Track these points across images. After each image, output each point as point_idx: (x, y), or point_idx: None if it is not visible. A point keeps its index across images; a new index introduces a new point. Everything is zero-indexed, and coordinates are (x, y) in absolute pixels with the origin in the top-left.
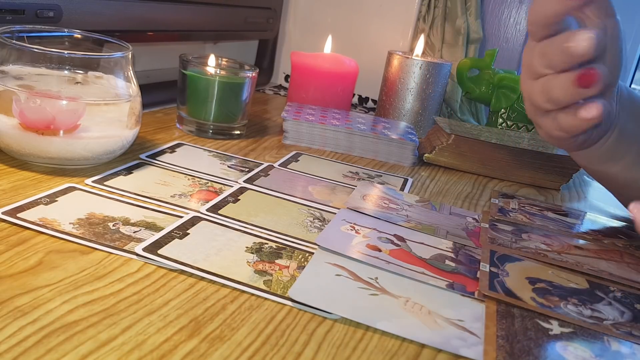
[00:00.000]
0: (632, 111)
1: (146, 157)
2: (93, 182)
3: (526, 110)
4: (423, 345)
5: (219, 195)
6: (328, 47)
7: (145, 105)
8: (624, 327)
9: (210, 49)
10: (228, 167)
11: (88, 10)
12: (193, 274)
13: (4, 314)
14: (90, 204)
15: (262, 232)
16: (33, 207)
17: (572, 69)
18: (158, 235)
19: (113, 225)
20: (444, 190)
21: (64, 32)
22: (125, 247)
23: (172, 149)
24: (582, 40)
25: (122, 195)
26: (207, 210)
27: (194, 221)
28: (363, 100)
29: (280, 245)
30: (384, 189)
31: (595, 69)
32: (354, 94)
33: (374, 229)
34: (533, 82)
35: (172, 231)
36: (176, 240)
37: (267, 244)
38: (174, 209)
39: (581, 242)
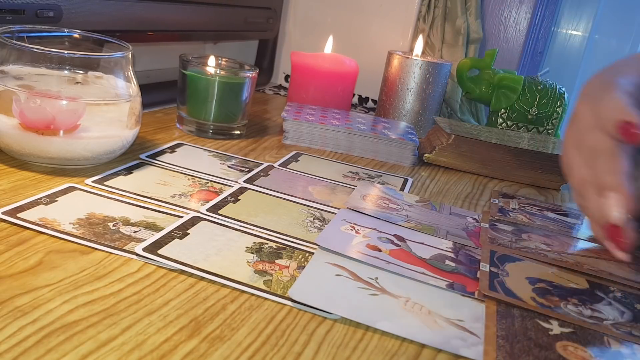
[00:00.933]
0: None
1: (146, 157)
2: (93, 182)
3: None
4: (423, 345)
5: (219, 195)
6: (329, 47)
7: (145, 105)
8: (624, 327)
9: (210, 49)
10: (228, 167)
11: (88, 10)
12: (193, 274)
13: (4, 314)
14: (90, 204)
15: (262, 232)
16: (33, 207)
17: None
18: (158, 235)
19: (113, 225)
20: (444, 190)
21: (64, 32)
22: (125, 247)
23: (172, 149)
24: (613, 212)
25: (122, 195)
26: (207, 210)
27: (194, 221)
28: (363, 100)
29: (280, 245)
30: (383, 189)
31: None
32: (354, 94)
33: (374, 229)
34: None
35: (172, 231)
36: (176, 240)
37: (267, 244)
38: (174, 209)
39: (581, 242)
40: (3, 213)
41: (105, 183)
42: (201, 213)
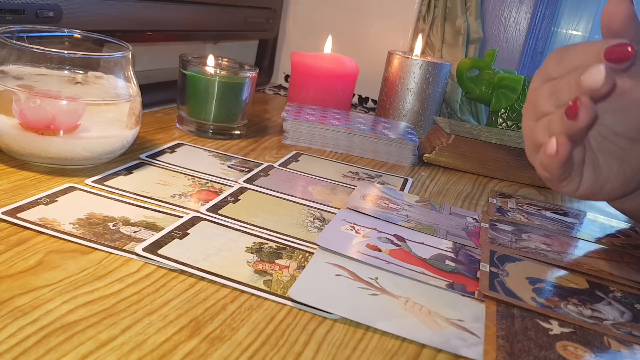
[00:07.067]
0: None
1: (146, 157)
2: (93, 182)
3: (526, 151)
4: (423, 345)
5: (219, 195)
6: (328, 47)
7: (145, 105)
8: (624, 327)
9: (210, 49)
10: (228, 167)
11: (88, 10)
12: (193, 274)
13: (4, 314)
14: (90, 204)
15: (262, 232)
16: (33, 207)
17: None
18: (158, 235)
19: (113, 225)
20: (444, 190)
21: (64, 32)
22: (125, 247)
23: (172, 149)
24: (594, 74)
25: (122, 195)
26: (207, 210)
27: (194, 221)
28: (363, 100)
29: (280, 245)
30: (383, 189)
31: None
32: (354, 94)
33: (374, 229)
34: (535, 122)
35: (172, 231)
36: (176, 240)
37: (267, 244)
38: (174, 209)
39: (581, 242)
40: (3, 213)
41: (105, 183)
42: (201, 213)
